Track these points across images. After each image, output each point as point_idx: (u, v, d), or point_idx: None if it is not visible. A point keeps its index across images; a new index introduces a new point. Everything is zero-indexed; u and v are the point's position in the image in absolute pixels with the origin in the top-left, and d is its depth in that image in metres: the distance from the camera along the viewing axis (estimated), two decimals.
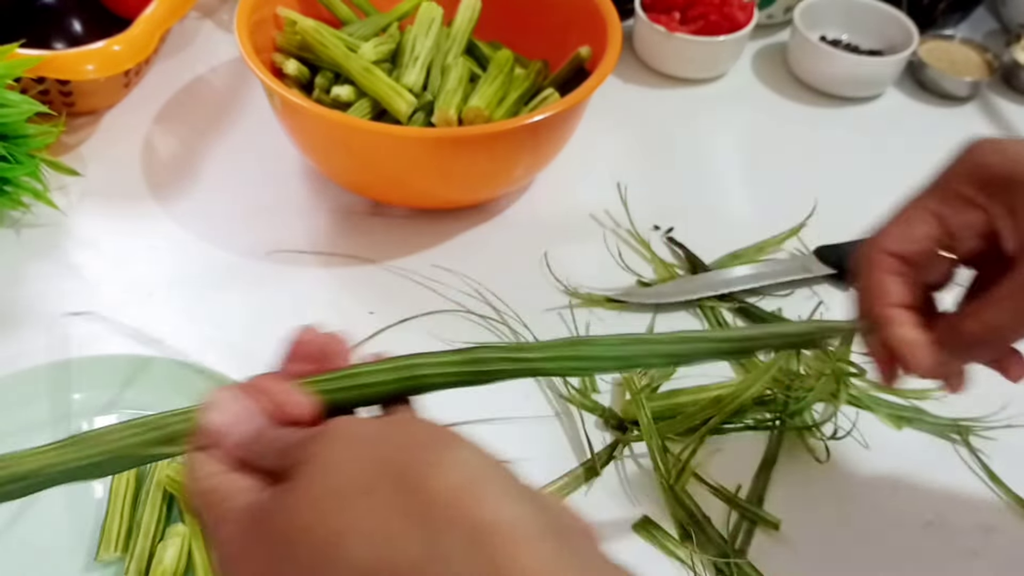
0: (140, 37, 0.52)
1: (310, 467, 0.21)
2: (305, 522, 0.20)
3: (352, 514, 0.19)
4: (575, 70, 0.52)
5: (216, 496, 0.22)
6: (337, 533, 0.19)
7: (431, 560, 0.18)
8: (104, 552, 0.36)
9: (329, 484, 0.20)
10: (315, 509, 0.20)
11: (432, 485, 0.19)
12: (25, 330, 0.45)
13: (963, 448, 0.43)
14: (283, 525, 0.20)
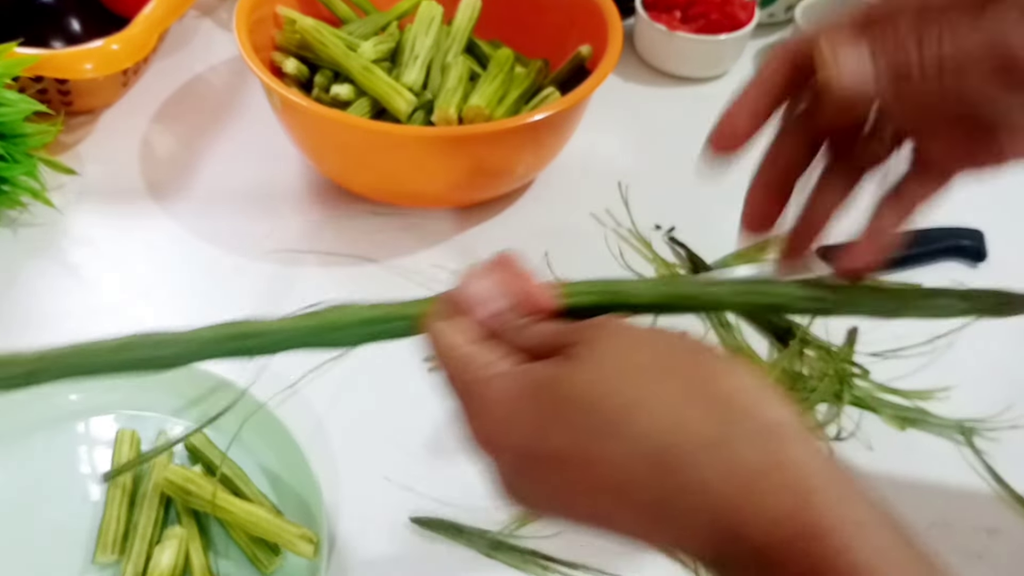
0: (138, 36, 0.52)
1: (599, 347, 0.22)
2: (598, 391, 0.21)
3: (648, 390, 0.21)
4: (576, 69, 0.52)
5: (475, 361, 0.23)
6: (633, 403, 0.21)
7: (722, 443, 0.20)
8: (101, 554, 0.36)
9: (622, 364, 0.22)
10: (609, 381, 0.21)
11: (724, 382, 0.21)
12: (22, 329, 0.45)
13: (967, 449, 0.42)
14: (570, 392, 0.21)
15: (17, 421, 0.40)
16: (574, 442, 0.21)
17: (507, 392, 0.22)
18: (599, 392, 0.21)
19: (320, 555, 0.35)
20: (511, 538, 0.38)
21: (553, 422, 0.21)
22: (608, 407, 0.21)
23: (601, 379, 0.21)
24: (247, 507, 0.36)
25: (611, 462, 0.21)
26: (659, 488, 0.20)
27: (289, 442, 0.38)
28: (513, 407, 0.22)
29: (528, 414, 0.22)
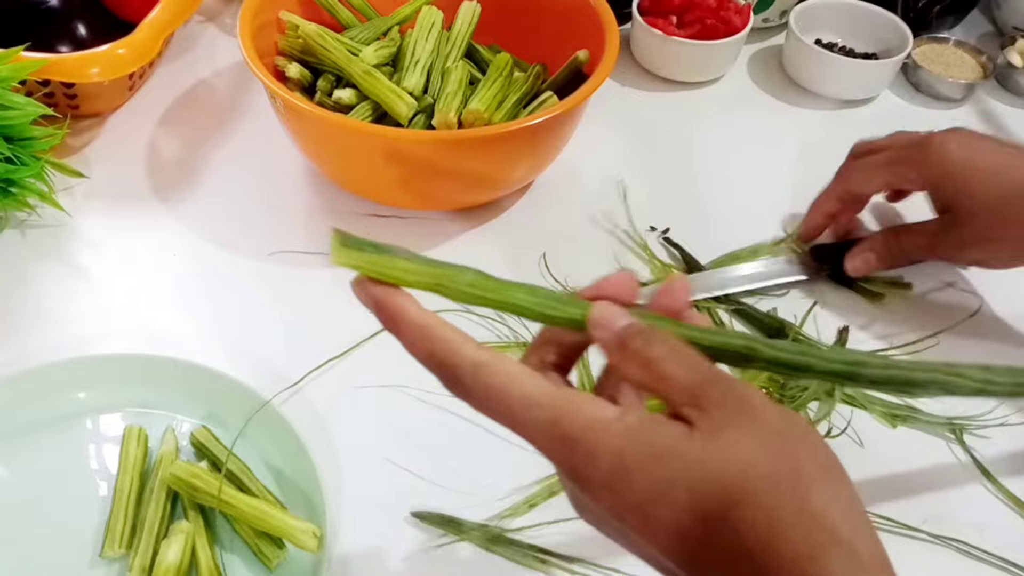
0: (144, 41, 0.52)
1: (729, 429, 0.22)
2: (712, 478, 0.22)
3: (757, 494, 0.22)
4: (573, 73, 0.53)
5: (586, 406, 0.23)
6: (739, 503, 0.22)
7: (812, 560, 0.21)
8: (109, 549, 0.37)
9: (743, 456, 0.22)
10: (726, 471, 0.22)
11: (821, 503, 0.22)
12: (31, 329, 0.45)
13: (958, 446, 0.43)
14: (686, 471, 0.22)
15: (26, 418, 0.41)
16: (680, 517, 0.22)
17: (622, 450, 0.23)
18: (713, 479, 0.22)
19: (323, 549, 0.36)
20: (511, 533, 0.39)
21: (668, 496, 0.22)
22: (721, 499, 0.22)
23: (719, 467, 0.22)
24: (252, 502, 0.37)
25: (709, 546, 0.22)
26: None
27: (293, 438, 0.39)
28: (627, 466, 0.22)
29: (643, 481, 0.22)
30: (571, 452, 0.23)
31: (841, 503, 0.22)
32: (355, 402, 0.43)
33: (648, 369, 0.24)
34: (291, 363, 0.44)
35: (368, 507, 0.39)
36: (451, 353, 0.25)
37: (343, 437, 0.42)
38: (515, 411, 0.24)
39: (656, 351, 0.24)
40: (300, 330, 0.46)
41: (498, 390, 0.24)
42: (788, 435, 0.23)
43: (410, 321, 0.25)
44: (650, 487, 0.22)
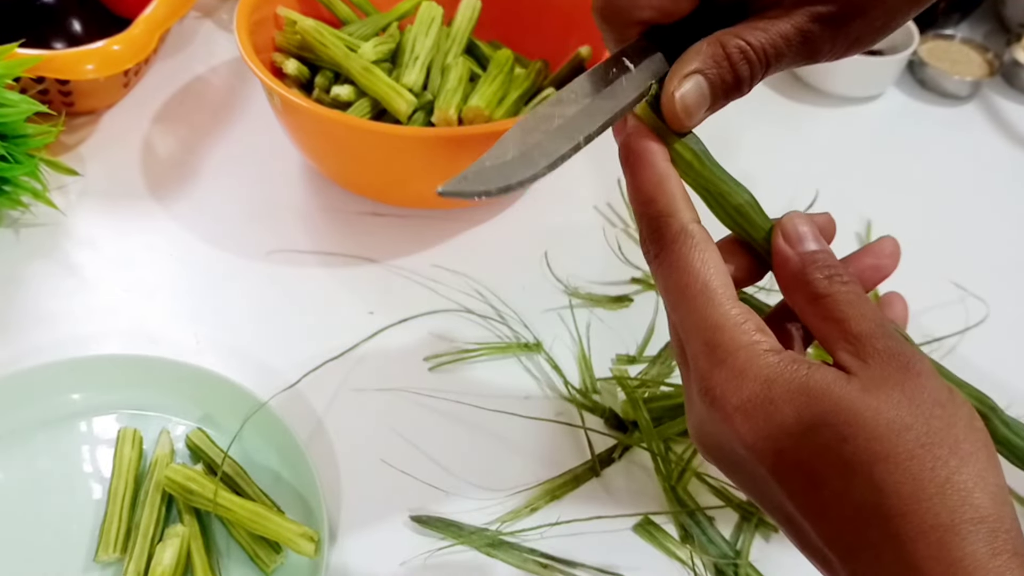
0: (140, 37, 0.52)
1: (891, 385, 0.21)
2: (866, 431, 0.21)
3: (907, 453, 0.20)
4: (575, 70, 0.52)
5: (751, 331, 0.22)
6: (888, 457, 0.20)
7: (949, 529, 0.20)
8: (103, 552, 0.36)
9: (897, 414, 0.21)
10: (878, 425, 0.21)
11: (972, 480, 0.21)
12: (24, 330, 0.45)
13: None
14: (837, 415, 0.21)
15: (20, 420, 0.40)
16: (819, 462, 0.21)
17: (773, 379, 0.22)
18: (864, 429, 0.21)
19: (321, 553, 0.35)
20: (510, 537, 0.38)
21: (810, 432, 0.21)
22: (867, 450, 0.21)
23: (872, 418, 0.21)
24: (248, 506, 0.37)
25: (840, 498, 0.21)
26: (867, 542, 0.20)
27: (290, 441, 0.38)
28: (784, 392, 0.21)
29: (791, 409, 0.21)
30: (718, 364, 0.22)
31: (991, 485, 0.21)
32: (353, 404, 0.43)
33: (820, 305, 0.23)
34: (288, 364, 0.44)
35: (366, 511, 0.39)
36: (670, 207, 0.24)
37: (341, 440, 0.41)
38: (688, 294, 0.23)
39: (836, 289, 0.23)
40: (297, 330, 0.46)
41: (688, 264, 0.23)
42: (950, 409, 0.21)
43: (654, 164, 0.25)
44: (792, 422, 0.21)
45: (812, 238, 0.24)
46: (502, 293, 0.48)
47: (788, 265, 0.24)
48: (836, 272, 0.23)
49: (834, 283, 0.23)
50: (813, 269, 0.23)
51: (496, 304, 0.47)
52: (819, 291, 0.23)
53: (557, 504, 0.39)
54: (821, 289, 0.23)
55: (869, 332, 0.22)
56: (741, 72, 0.25)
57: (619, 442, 0.41)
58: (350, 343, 0.45)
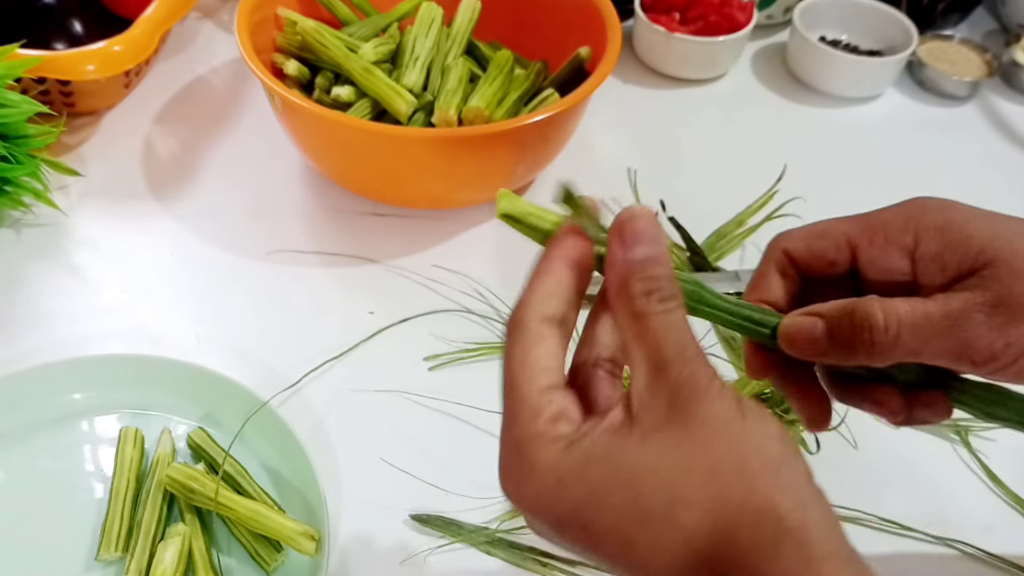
0: (140, 38, 0.52)
1: (674, 425, 0.21)
2: (653, 479, 0.21)
3: (705, 493, 0.21)
4: (575, 70, 0.52)
5: (541, 413, 0.22)
6: (685, 501, 0.20)
7: (764, 561, 0.20)
8: (105, 552, 0.36)
9: (688, 458, 0.21)
10: (668, 471, 0.21)
11: (766, 495, 0.21)
12: (26, 330, 0.45)
13: (963, 448, 0.43)
14: (624, 468, 0.21)
15: (22, 420, 0.40)
16: (618, 524, 0.21)
17: (559, 462, 0.21)
18: (653, 481, 0.21)
19: (322, 552, 0.36)
20: (510, 535, 0.38)
21: (602, 500, 0.21)
22: (660, 499, 0.21)
23: (657, 466, 0.21)
24: (250, 504, 0.37)
25: (652, 549, 0.21)
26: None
27: (291, 440, 0.39)
28: (562, 478, 0.21)
29: (579, 487, 0.21)
30: (515, 467, 0.22)
31: (791, 491, 0.21)
32: (354, 403, 0.43)
33: (637, 323, 0.22)
34: (289, 364, 0.44)
35: (366, 510, 0.39)
36: (524, 304, 0.23)
37: (341, 439, 0.41)
38: (508, 389, 0.23)
39: (651, 308, 0.22)
40: (298, 330, 0.46)
41: (510, 362, 0.23)
42: (736, 429, 0.21)
43: (550, 258, 0.24)
44: (586, 497, 0.21)
45: (648, 239, 0.23)
46: (502, 293, 0.48)
47: (614, 270, 0.23)
48: (657, 287, 0.22)
49: (651, 301, 0.22)
50: (635, 280, 0.22)
51: (496, 304, 0.48)
52: (635, 309, 0.22)
53: None
54: (637, 307, 0.22)
55: (667, 361, 0.22)
56: (860, 336, 0.25)
57: None
58: (350, 343, 0.45)
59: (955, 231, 0.25)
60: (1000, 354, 0.24)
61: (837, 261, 0.27)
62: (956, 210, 0.26)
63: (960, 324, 0.24)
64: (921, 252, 0.26)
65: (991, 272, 0.24)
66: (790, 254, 0.28)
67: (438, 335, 0.46)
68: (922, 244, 0.26)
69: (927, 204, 0.27)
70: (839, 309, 0.25)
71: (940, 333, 0.24)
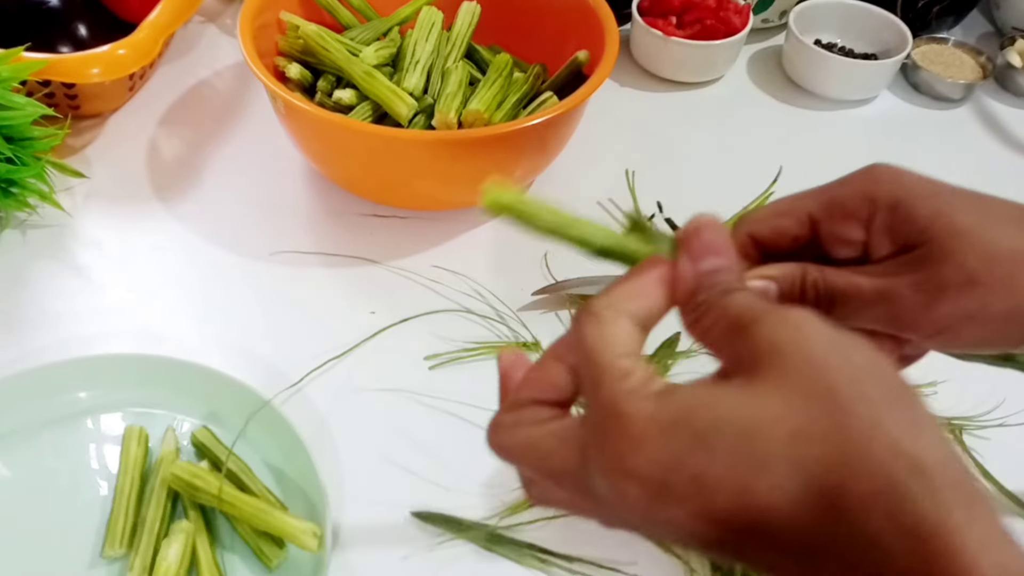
0: (145, 41, 0.52)
1: (779, 368, 0.20)
2: (758, 420, 0.19)
3: (818, 419, 0.19)
4: (573, 74, 0.53)
5: (628, 377, 0.21)
6: (799, 431, 0.19)
7: (894, 492, 0.18)
8: (109, 548, 0.37)
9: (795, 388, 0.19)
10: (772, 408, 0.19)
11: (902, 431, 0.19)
12: (31, 329, 0.45)
13: (956, 447, 0.43)
14: (723, 416, 0.19)
15: (27, 418, 0.41)
16: (731, 470, 0.19)
17: (656, 413, 0.20)
18: (768, 417, 0.19)
19: (324, 548, 0.36)
20: (510, 532, 0.39)
21: (710, 447, 0.19)
22: (775, 436, 0.19)
23: (769, 405, 0.19)
24: (252, 502, 0.37)
25: (771, 492, 0.19)
26: (818, 531, 0.19)
27: (293, 438, 0.39)
28: (663, 428, 0.20)
29: (681, 437, 0.19)
30: (610, 427, 0.20)
31: (899, 424, 0.19)
32: (355, 402, 0.43)
33: (708, 314, 0.21)
34: (291, 363, 0.44)
35: (368, 507, 0.39)
36: (601, 297, 0.23)
37: (343, 437, 0.42)
38: (588, 363, 0.22)
39: (719, 296, 0.21)
40: (300, 330, 0.47)
41: (585, 340, 0.22)
42: (843, 358, 0.20)
43: (642, 269, 0.24)
44: (694, 442, 0.19)
45: (715, 250, 0.23)
46: (502, 293, 0.48)
47: (684, 283, 0.23)
48: (725, 290, 0.22)
49: (717, 295, 0.22)
50: (703, 291, 0.22)
51: (496, 304, 0.48)
52: (704, 306, 0.22)
53: None
54: (706, 303, 0.22)
55: (749, 320, 0.21)
56: (807, 298, 0.26)
57: None
58: (352, 342, 0.46)
59: (902, 209, 0.26)
60: (926, 329, 0.25)
61: (799, 236, 0.27)
62: (906, 186, 0.27)
63: (888, 299, 0.25)
64: (875, 226, 0.27)
65: (925, 252, 0.25)
66: (754, 237, 0.28)
67: (439, 335, 0.46)
68: (876, 218, 0.26)
69: (879, 178, 0.27)
70: (788, 274, 0.26)
71: (870, 305, 0.25)
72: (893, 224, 0.26)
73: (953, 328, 0.25)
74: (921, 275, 0.25)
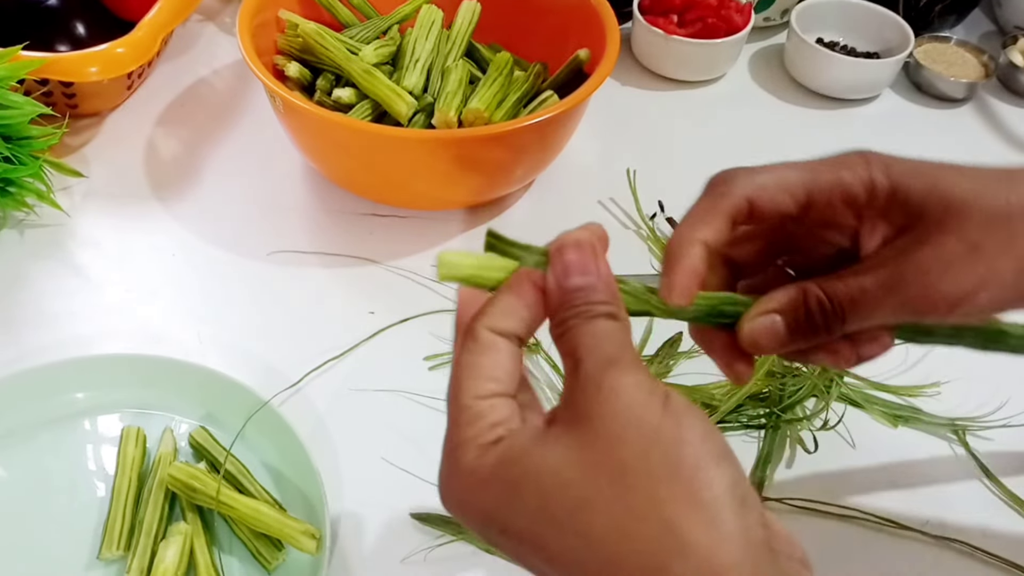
0: (143, 40, 0.52)
1: (583, 426, 0.21)
2: (562, 480, 0.20)
3: (610, 493, 0.20)
4: (574, 72, 0.52)
5: (473, 424, 0.22)
6: (589, 502, 0.20)
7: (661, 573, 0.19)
8: (107, 550, 0.36)
9: (596, 458, 0.20)
10: (575, 471, 0.20)
11: (684, 508, 0.20)
12: (29, 329, 0.45)
13: (960, 447, 0.43)
14: (537, 472, 0.21)
15: (24, 419, 0.40)
16: (530, 526, 0.21)
17: (479, 464, 0.21)
18: (562, 481, 0.20)
19: (322, 550, 0.36)
20: None
21: (514, 501, 0.21)
22: (566, 500, 0.20)
23: (567, 466, 0.20)
24: (251, 503, 0.37)
25: (562, 554, 0.20)
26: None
27: (292, 439, 0.39)
28: (481, 479, 0.21)
29: (494, 489, 0.21)
30: (445, 458, 0.22)
31: (702, 506, 0.19)
32: (354, 403, 0.43)
33: (562, 336, 0.22)
34: (290, 363, 0.44)
35: (367, 508, 0.39)
36: (479, 315, 0.23)
37: (342, 438, 0.42)
38: (452, 394, 0.23)
39: (578, 320, 0.22)
40: (299, 330, 0.46)
41: (457, 367, 0.23)
42: (647, 426, 0.20)
43: (516, 278, 0.24)
44: (502, 497, 0.21)
45: (579, 270, 0.23)
46: None
47: (550, 298, 0.23)
48: (586, 309, 0.22)
49: (578, 316, 0.22)
50: (566, 308, 0.23)
51: None
52: (563, 326, 0.22)
53: None
54: (565, 323, 0.22)
55: (581, 360, 0.22)
56: (816, 320, 0.26)
57: None
58: (351, 343, 0.45)
59: (898, 192, 0.26)
60: (942, 307, 0.25)
61: (788, 216, 0.27)
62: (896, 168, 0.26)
63: (896, 289, 0.25)
64: (871, 212, 0.26)
65: (923, 231, 0.25)
66: (752, 202, 0.27)
67: (438, 335, 0.46)
68: (873, 204, 0.26)
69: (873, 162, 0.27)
70: (790, 303, 0.26)
71: (880, 303, 0.25)
72: (888, 207, 0.26)
73: (969, 299, 0.25)
74: (923, 255, 0.25)
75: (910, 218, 0.25)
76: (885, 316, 0.25)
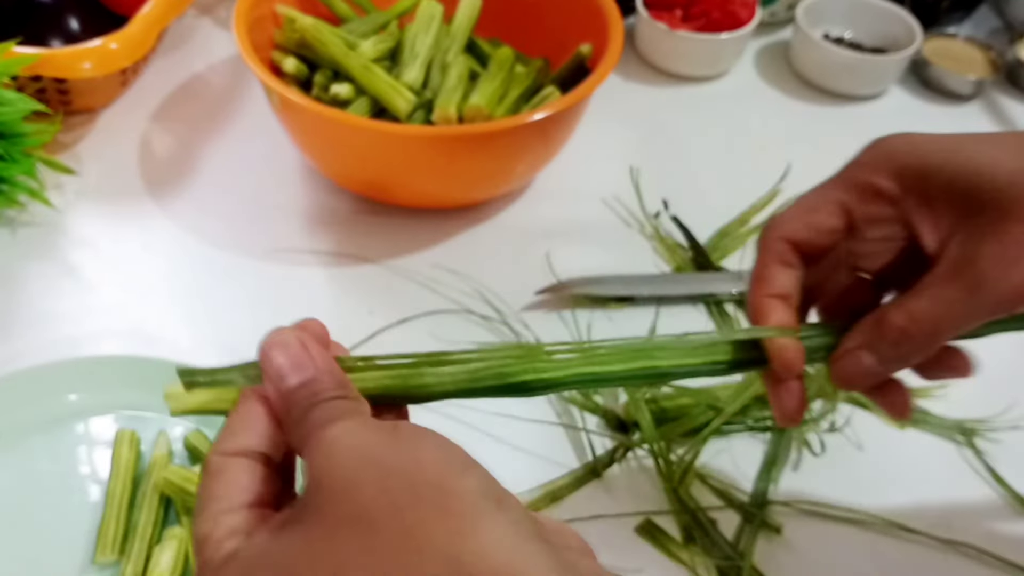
0: (137, 35, 0.51)
1: (322, 498, 0.20)
2: (306, 565, 0.19)
3: (354, 562, 0.19)
4: (576, 68, 0.52)
5: (209, 540, 0.21)
6: (340, 567, 0.19)
7: None
8: (101, 554, 0.36)
9: (329, 523, 0.19)
10: (313, 553, 0.19)
11: (432, 545, 0.19)
12: (21, 330, 0.45)
13: (968, 450, 0.42)
14: (286, 559, 0.20)
15: (17, 421, 0.40)
16: None
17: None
18: (312, 558, 0.19)
19: None
20: None
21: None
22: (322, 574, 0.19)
23: (312, 542, 0.19)
24: None
25: None
26: None
27: None
28: None
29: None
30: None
31: (458, 514, 0.19)
32: None
33: (292, 433, 0.22)
34: None
35: None
36: (213, 445, 0.23)
37: None
38: (193, 526, 0.23)
39: (307, 414, 0.22)
40: None
41: (196, 500, 0.23)
42: (361, 485, 0.20)
43: (242, 398, 0.24)
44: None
45: (287, 371, 0.23)
46: (502, 293, 0.48)
47: (277, 408, 0.23)
48: (313, 403, 0.22)
49: (305, 413, 0.22)
50: (293, 409, 0.22)
51: (496, 304, 0.47)
52: (293, 426, 0.22)
53: (557, 506, 0.39)
54: (293, 422, 0.22)
55: (311, 455, 0.21)
56: (902, 350, 0.26)
57: (620, 443, 0.41)
58: (350, 343, 0.45)
59: (934, 175, 0.25)
60: (1012, 297, 0.24)
61: (836, 228, 0.27)
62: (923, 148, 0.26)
63: (981, 291, 0.24)
64: (910, 200, 0.26)
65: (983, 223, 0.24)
66: (791, 239, 0.27)
67: (438, 335, 0.45)
68: (909, 192, 0.26)
69: (897, 149, 0.26)
70: (870, 333, 0.26)
71: (971, 308, 0.24)
72: (930, 191, 0.25)
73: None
74: (993, 249, 0.24)
75: (956, 202, 0.25)
76: (983, 319, 0.25)
